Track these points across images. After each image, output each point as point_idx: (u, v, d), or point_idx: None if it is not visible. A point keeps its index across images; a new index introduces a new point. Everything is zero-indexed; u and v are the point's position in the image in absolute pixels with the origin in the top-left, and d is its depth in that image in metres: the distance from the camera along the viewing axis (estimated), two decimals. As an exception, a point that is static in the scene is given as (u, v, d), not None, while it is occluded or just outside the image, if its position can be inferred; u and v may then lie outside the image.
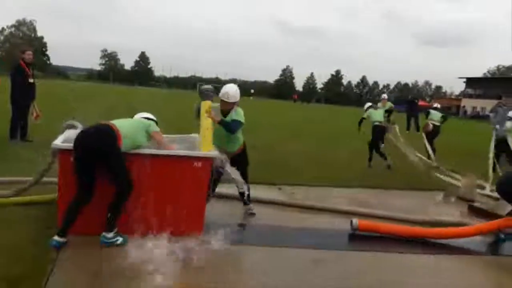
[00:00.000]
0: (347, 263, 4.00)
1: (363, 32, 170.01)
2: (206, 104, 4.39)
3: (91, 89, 34.84)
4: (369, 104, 9.79)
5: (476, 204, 6.20)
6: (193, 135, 4.94)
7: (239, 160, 4.76)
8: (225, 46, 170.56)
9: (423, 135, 10.81)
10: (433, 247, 4.49)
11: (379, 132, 9.08)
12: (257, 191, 5.25)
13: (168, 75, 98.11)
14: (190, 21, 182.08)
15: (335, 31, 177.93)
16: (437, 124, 10.94)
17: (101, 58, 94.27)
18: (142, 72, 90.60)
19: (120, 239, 3.71)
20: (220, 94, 4.65)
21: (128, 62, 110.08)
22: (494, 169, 8.46)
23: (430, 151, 9.96)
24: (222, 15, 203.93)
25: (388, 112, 10.38)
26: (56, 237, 3.57)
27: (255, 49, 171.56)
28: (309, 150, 10.69)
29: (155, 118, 4.37)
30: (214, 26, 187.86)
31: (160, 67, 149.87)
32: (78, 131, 4.42)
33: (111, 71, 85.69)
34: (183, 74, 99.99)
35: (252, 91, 74.10)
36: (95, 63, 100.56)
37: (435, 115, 11.13)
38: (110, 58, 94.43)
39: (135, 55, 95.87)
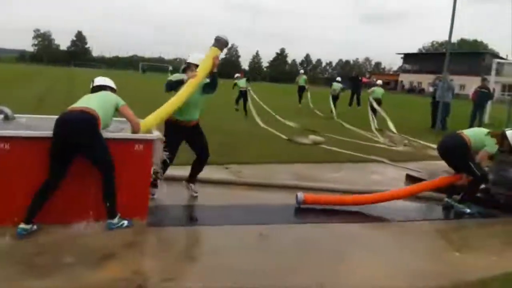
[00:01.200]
0: (292, 236, 4.09)
1: (305, 9, 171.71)
2: (216, 51, 4.40)
3: (18, 72, 32.60)
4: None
5: (413, 173, 6.55)
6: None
7: (199, 131, 4.74)
8: (167, 24, 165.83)
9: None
10: (373, 217, 4.70)
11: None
12: (205, 171, 5.20)
13: (107, 55, 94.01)
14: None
15: (278, 7, 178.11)
16: (380, 97, 14.87)
17: (33, 38, 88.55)
18: (79, 53, 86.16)
19: (125, 222, 3.68)
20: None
21: (63, 42, 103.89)
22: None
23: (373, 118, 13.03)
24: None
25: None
26: (21, 225, 3.40)
27: (198, 27, 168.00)
28: (252, 129, 10.73)
29: (115, 86, 4.17)
30: (155, 3, 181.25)
31: (98, 47, 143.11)
32: (9, 117, 4.13)
33: (44, 52, 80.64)
34: (123, 54, 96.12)
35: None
36: (27, 45, 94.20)
37: (379, 91, 15.02)
38: (44, 38, 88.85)
39: (71, 34, 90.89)
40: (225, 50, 4.66)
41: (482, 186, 5.48)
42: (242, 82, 15.51)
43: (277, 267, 3.32)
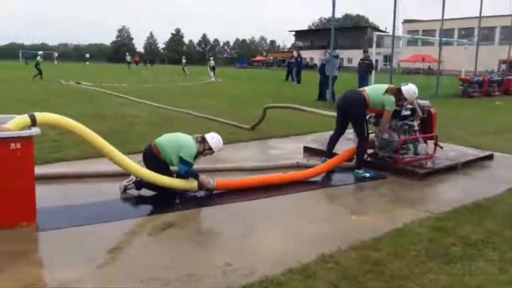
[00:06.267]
0: (197, 221, 4.09)
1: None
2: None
3: None
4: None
5: (309, 145, 6.87)
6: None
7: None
8: (47, 5, 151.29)
9: None
10: (273, 191, 4.81)
11: None
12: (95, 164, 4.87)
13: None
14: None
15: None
16: None
17: None
18: None
19: None
20: None
21: None
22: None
23: None
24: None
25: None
26: None
27: (83, 8, 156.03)
28: (147, 116, 10.36)
29: None
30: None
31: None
32: None
33: None
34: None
35: (88, 55, 68.22)
36: None
37: None
38: None
39: None
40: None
41: (370, 151, 5.94)
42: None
43: (184, 254, 3.24)
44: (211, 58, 37.05)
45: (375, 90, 5.63)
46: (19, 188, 3.49)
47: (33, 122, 3.68)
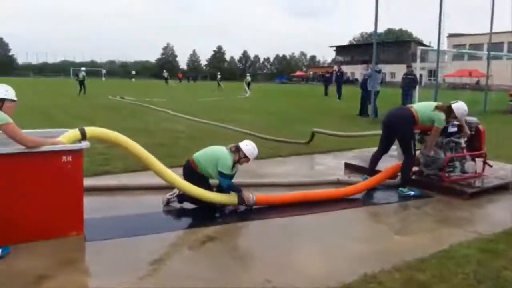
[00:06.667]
0: (238, 235, 4.11)
1: (237, 5, 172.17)
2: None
3: None
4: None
5: (350, 162, 6.76)
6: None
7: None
8: (96, 25, 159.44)
9: None
10: (315, 207, 4.76)
11: None
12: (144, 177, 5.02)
13: (34, 62, 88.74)
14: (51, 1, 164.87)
15: (211, 4, 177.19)
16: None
17: None
18: (2, 61, 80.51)
19: None
20: None
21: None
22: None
23: None
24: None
25: None
26: None
27: (131, 26, 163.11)
28: (189, 130, 10.60)
29: (10, 96, 3.54)
30: (79, 4, 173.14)
31: (24, 54, 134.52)
32: None
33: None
34: (52, 59, 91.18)
35: (134, 72, 70.91)
36: None
37: None
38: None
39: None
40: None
41: (415, 168, 5.77)
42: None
43: (224, 268, 3.26)
44: (248, 74, 42.00)
45: (424, 106, 5.47)
46: (69, 199, 3.65)
47: (83, 136, 3.86)
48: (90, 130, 3.95)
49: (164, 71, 56.12)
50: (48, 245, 3.48)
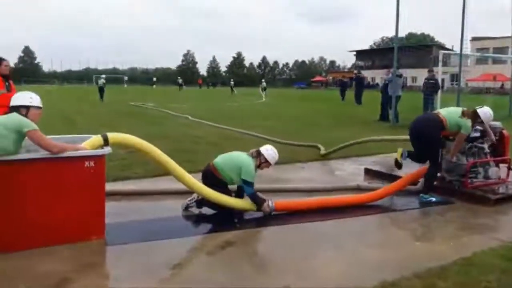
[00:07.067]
0: (256, 240, 4.13)
1: (255, 12, 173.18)
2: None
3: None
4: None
5: (370, 167, 6.70)
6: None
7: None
8: (118, 32, 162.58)
9: None
10: (335, 213, 4.73)
11: None
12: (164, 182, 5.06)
13: (59, 70, 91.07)
14: (74, 8, 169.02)
15: (228, 10, 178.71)
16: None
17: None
18: (28, 69, 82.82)
19: None
20: None
21: (11, 59, 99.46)
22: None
23: None
24: None
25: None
26: None
27: (152, 34, 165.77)
28: (208, 136, 10.65)
29: (35, 103, 3.66)
30: (101, 11, 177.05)
31: (49, 61, 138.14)
32: None
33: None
34: (76, 67, 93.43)
35: (155, 79, 71.93)
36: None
37: None
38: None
39: (18, 50, 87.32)
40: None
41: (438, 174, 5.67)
42: None
43: (243, 274, 3.27)
44: (263, 80, 45.67)
45: (451, 112, 5.32)
46: (91, 203, 3.73)
47: (106, 142, 3.95)
48: (112, 136, 4.03)
49: (179, 77, 58.86)
50: (70, 249, 3.56)
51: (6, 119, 3.48)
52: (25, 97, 3.66)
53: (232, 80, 50.74)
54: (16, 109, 3.59)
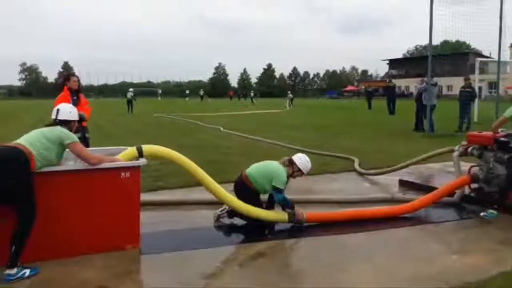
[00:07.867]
0: (289, 252, 4.11)
1: (286, 23, 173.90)
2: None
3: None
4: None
5: (404, 178, 6.55)
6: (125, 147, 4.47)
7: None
8: (152, 47, 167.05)
9: None
10: (368, 225, 4.65)
11: None
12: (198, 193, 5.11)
13: (95, 84, 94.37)
14: (111, 25, 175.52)
15: (260, 23, 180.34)
16: None
17: (20, 72, 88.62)
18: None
19: (27, 271, 3.28)
20: None
21: (51, 74, 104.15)
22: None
23: None
24: (145, 15, 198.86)
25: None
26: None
27: (183, 48, 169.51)
28: (239, 146, 10.74)
29: (76, 117, 3.89)
30: (135, 27, 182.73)
31: (86, 76, 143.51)
32: None
33: (32, 85, 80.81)
34: (111, 81, 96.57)
35: (187, 91, 73.33)
36: (14, 79, 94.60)
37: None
38: (31, 72, 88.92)
39: (58, 66, 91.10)
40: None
41: (474, 185, 5.49)
42: None
43: (274, 285, 3.27)
44: (289, 92, 46.90)
45: None
46: (127, 213, 3.84)
47: (140, 154, 4.07)
48: (146, 148, 4.15)
49: (201, 90, 63.42)
50: (106, 258, 3.66)
51: (50, 133, 3.65)
52: (65, 111, 3.84)
53: (252, 91, 58.12)
54: (59, 122, 3.78)
